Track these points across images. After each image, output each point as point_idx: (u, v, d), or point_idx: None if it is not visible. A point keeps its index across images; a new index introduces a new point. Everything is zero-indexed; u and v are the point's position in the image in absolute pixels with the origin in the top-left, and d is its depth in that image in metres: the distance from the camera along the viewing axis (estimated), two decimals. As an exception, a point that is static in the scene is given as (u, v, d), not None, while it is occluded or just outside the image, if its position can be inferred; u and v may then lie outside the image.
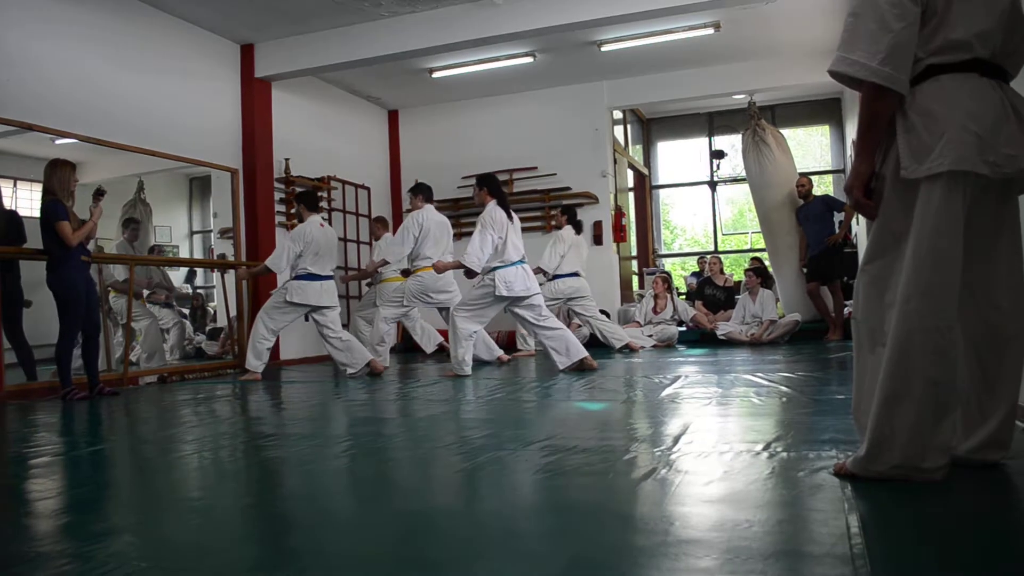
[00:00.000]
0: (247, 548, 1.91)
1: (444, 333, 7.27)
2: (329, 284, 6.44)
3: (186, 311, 8.51)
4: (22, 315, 5.61)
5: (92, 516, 2.28)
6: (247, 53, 7.90)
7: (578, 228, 8.11)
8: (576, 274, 7.88)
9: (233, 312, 7.74)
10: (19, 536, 2.07)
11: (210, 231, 8.54)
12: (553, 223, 8.89)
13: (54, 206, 5.01)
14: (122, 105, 6.47)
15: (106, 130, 6.26)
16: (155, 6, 6.82)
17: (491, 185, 6.05)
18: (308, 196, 6.67)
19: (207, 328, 8.59)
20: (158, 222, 8.02)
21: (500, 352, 7.11)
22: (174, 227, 8.50)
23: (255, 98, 7.92)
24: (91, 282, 5.37)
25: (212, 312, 8.77)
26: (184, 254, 8.71)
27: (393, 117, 10.59)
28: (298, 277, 6.26)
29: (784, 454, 2.58)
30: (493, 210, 5.88)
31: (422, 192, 7.04)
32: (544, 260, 7.74)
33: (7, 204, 5.97)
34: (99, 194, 5.27)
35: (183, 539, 1.97)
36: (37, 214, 5.17)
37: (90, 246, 5.48)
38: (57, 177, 5.06)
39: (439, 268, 6.41)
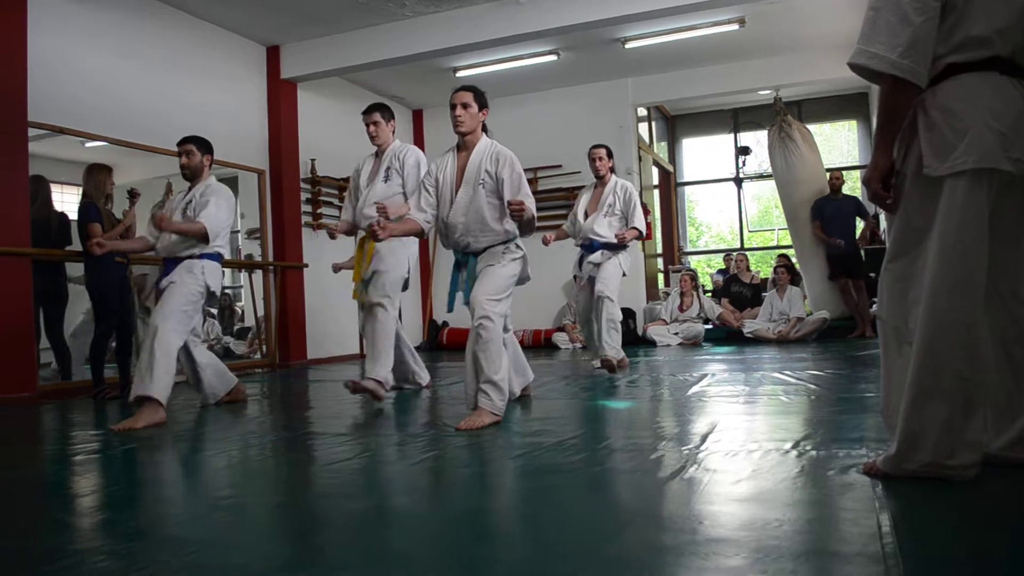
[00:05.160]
0: (277, 546, 1.93)
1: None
2: None
3: (215, 311, 8.60)
4: (63, 316, 5.72)
5: (124, 514, 2.32)
6: (273, 55, 7.97)
7: None
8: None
9: (261, 312, 7.80)
10: (55, 533, 2.10)
11: (237, 232, 8.61)
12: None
13: (87, 209, 5.17)
14: (150, 108, 6.55)
15: (135, 133, 6.35)
16: (182, 9, 6.90)
17: None
18: None
19: (235, 328, 8.67)
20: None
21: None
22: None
23: (281, 99, 7.99)
24: (125, 283, 5.45)
25: (240, 312, 8.85)
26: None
27: (417, 116, 10.62)
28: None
29: (813, 452, 2.56)
30: None
31: None
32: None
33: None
34: (133, 196, 5.39)
35: (213, 537, 1.99)
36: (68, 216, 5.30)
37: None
38: (93, 181, 5.25)
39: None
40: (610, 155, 5.78)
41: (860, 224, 8.49)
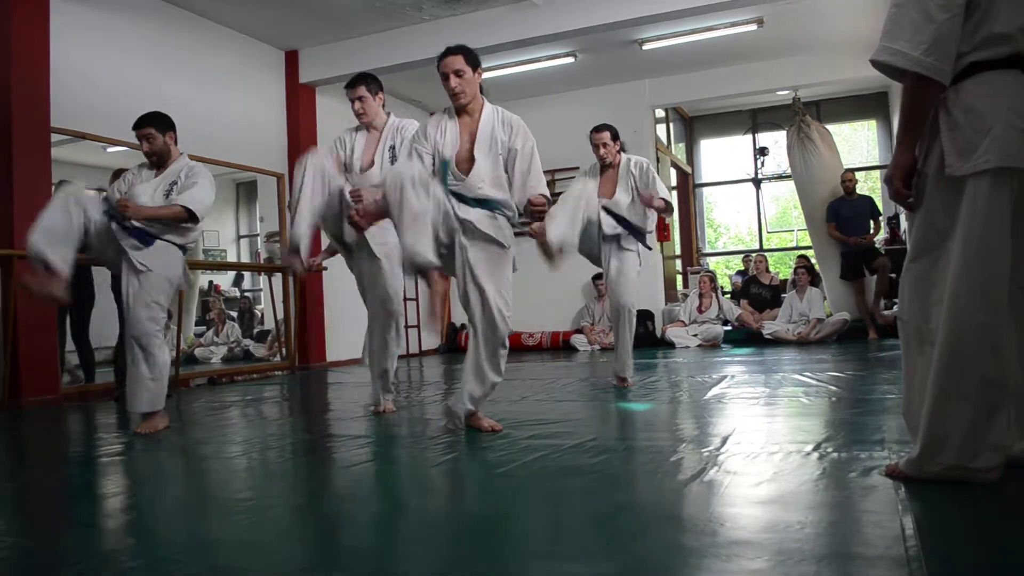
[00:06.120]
0: (298, 548, 1.94)
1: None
2: None
3: (234, 314, 8.67)
4: (89, 319, 5.78)
5: (145, 515, 2.34)
6: (291, 59, 8.02)
7: None
8: None
9: (280, 315, 7.85)
10: (77, 534, 2.12)
11: (257, 235, 8.68)
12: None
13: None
14: (170, 112, 6.51)
15: (156, 138, 6.40)
16: (201, 15, 6.96)
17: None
18: None
19: (254, 331, 8.73)
20: (205, 226, 8.14)
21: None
22: (221, 231, 8.66)
23: (299, 103, 8.04)
24: None
25: (259, 315, 8.91)
26: (231, 258, 8.86)
27: (435, 120, 10.63)
28: None
29: (835, 455, 2.54)
30: None
31: None
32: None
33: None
34: None
35: (234, 538, 2.01)
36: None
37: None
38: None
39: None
40: (615, 137, 4.92)
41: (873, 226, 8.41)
